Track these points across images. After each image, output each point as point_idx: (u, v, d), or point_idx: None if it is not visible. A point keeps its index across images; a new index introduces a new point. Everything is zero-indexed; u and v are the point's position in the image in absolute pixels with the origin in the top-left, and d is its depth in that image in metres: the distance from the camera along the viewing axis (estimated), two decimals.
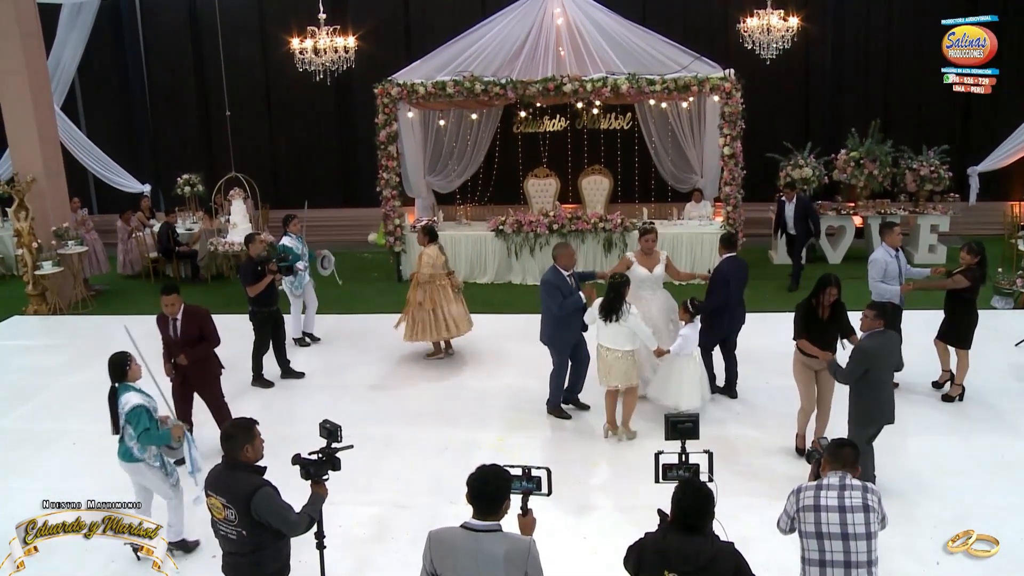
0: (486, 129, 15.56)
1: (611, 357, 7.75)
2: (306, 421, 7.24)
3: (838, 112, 16.51)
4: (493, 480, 3.88)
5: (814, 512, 4.40)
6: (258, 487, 4.43)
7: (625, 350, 7.73)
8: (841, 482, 4.43)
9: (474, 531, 3.83)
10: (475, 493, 3.86)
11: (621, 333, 7.65)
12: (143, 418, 5.94)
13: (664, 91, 13.11)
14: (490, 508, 3.85)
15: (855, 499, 4.38)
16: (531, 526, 4.15)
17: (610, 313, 7.58)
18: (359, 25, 15.46)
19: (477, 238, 13.95)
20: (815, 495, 4.42)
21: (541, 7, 14.02)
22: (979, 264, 8.49)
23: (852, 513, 4.35)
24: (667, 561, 3.70)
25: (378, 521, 6.74)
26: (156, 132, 18.33)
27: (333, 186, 17.82)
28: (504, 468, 3.99)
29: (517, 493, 4.09)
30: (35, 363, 10.74)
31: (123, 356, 6.16)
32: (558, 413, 8.53)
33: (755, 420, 8.25)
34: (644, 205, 15.11)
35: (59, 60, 16.49)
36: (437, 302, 9.89)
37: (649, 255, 8.71)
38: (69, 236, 13.15)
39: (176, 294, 7.58)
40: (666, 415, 4.97)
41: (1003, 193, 16.19)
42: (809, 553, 4.44)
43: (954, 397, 8.65)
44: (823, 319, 7.10)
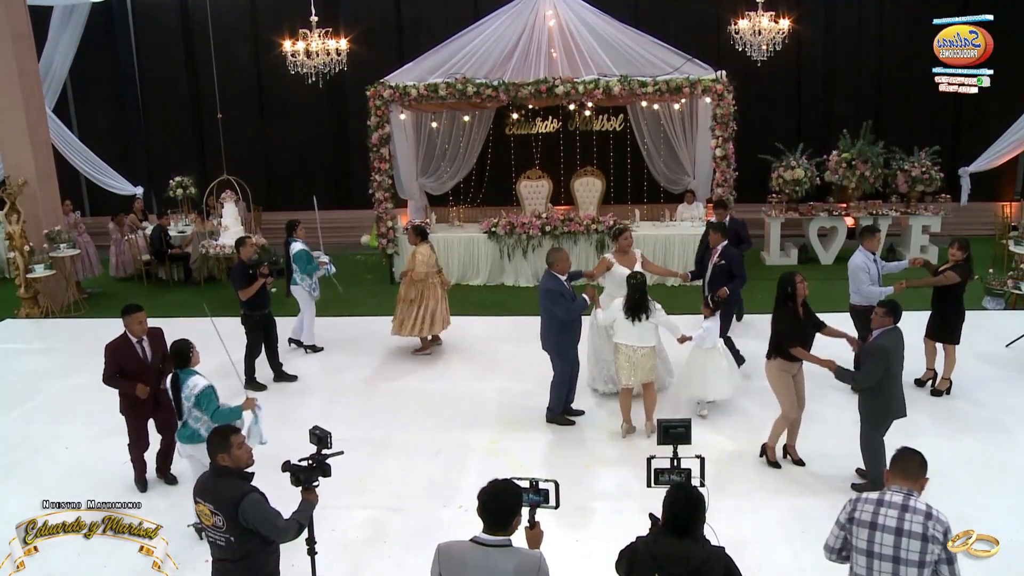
0: (478, 131, 15.57)
1: (637, 355, 7.89)
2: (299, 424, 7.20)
3: (830, 113, 16.57)
4: (504, 495, 3.86)
5: (868, 529, 4.15)
6: (245, 493, 4.44)
7: (651, 346, 7.93)
8: (904, 501, 4.14)
9: (484, 546, 3.81)
10: (486, 508, 3.84)
11: (648, 330, 7.84)
12: (213, 398, 6.26)
13: (656, 93, 13.15)
14: (501, 523, 3.82)
15: (915, 525, 4.08)
16: (538, 539, 4.13)
17: (638, 312, 7.74)
18: (351, 27, 15.47)
19: (470, 240, 13.96)
20: (874, 511, 4.17)
21: (533, 9, 14.03)
22: (967, 260, 8.60)
23: (908, 538, 4.08)
24: (658, 565, 3.72)
25: (372, 524, 6.74)
26: (148, 134, 18.29)
27: (326, 188, 17.76)
28: (514, 482, 3.97)
29: (524, 506, 4.05)
30: (28, 366, 10.71)
31: (185, 343, 6.44)
32: (560, 421, 8.40)
33: (749, 422, 8.26)
34: (636, 206, 15.16)
35: (51, 62, 16.44)
36: (426, 299, 10.16)
37: (626, 254, 8.80)
38: (61, 239, 13.11)
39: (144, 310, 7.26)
40: (658, 420, 4.99)
41: (994, 194, 16.27)
42: (857, 568, 4.24)
43: (942, 391, 8.77)
44: (801, 320, 7.11)
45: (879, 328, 6.66)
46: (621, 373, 8.03)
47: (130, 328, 7.15)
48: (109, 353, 7.17)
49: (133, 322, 7.13)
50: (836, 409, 8.26)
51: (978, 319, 10.91)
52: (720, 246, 9.10)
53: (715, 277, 9.03)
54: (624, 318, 7.80)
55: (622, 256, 8.77)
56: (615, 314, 7.90)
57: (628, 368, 7.95)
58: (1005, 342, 10.02)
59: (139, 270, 14.77)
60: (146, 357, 7.21)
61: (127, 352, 7.16)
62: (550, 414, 8.44)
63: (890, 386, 6.63)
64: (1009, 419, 8.24)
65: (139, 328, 7.15)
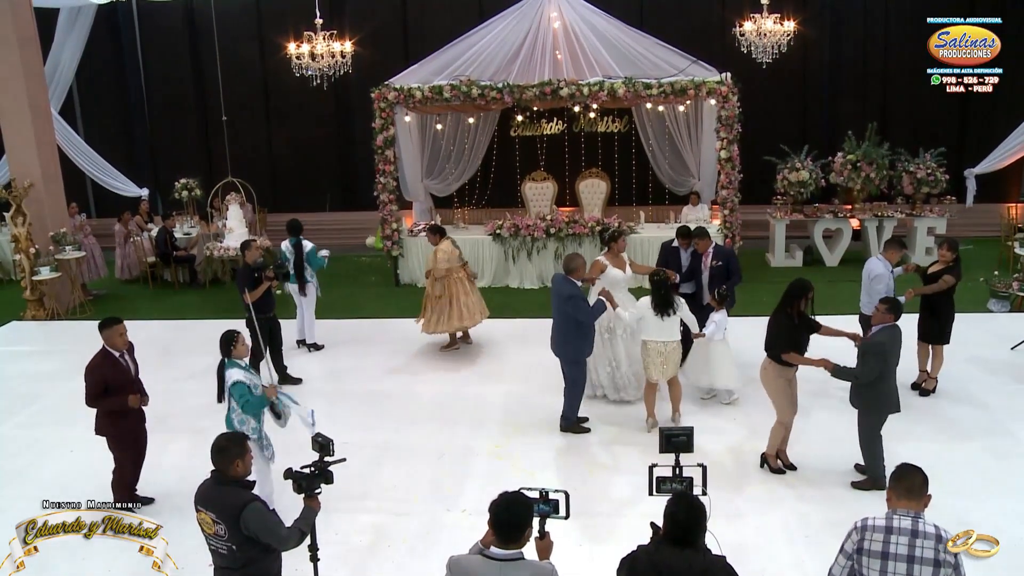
0: (483, 133, 15.59)
1: (668, 349, 8.06)
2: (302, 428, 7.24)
3: (835, 115, 16.56)
4: (516, 507, 3.83)
5: (881, 560, 4.07)
6: (248, 502, 4.43)
7: (677, 340, 8.12)
8: (913, 527, 4.07)
9: (496, 560, 3.78)
10: (497, 521, 3.80)
11: (674, 324, 8.03)
12: (244, 391, 6.43)
13: (661, 95, 13.15)
14: (513, 536, 3.80)
15: (926, 551, 4.03)
16: (549, 549, 4.11)
17: (667, 307, 7.94)
18: (356, 30, 15.51)
19: (474, 242, 13.95)
20: (884, 539, 4.08)
21: (538, 11, 14.04)
22: (956, 260, 8.62)
23: (921, 565, 4.02)
24: (659, 574, 3.71)
25: (374, 529, 6.73)
26: (154, 136, 18.35)
27: (331, 190, 17.84)
28: (525, 494, 3.95)
29: (535, 516, 4.02)
30: (33, 369, 10.73)
31: (230, 335, 6.65)
32: (576, 429, 8.28)
33: (751, 426, 8.25)
34: (641, 208, 15.16)
35: (57, 65, 16.52)
36: (454, 294, 10.33)
37: (618, 257, 8.80)
38: (67, 241, 13.17)
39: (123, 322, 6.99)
40: (660, 428, 4.98)
41: (999, 195, 16.24)
42: None
43: (930, 391, 8.79)
44: (796, 325, 7.10)
45: (879, 324, 6.72)
46: (652, 370, 8.12)
47: (111, 342, 6.84)
48: (90, 373, 6.83)
49: (114, 335, 6.83)
50: (833, 412, 8.22)
51: (983, 321, 10.91)
52: (711, 248, 9.12)
53: (713, 278, 9.05)
54: (653, 315, 7.96)
55: (615, 258, 8.77)
56: (643, 311, 8.05)
57: (660, 363, 8.09)
58: (1010, 345, 9.98)
59: (144, 272, 14.81)
60: (130, 368, 6.96)
61: (111, 367, 6.83)
62: (565, 422, 8.30)
63: (885, 381, 6.73)
64: (1013, 422, 8.20)
65: (120, 341, 6.85)
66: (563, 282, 8.00)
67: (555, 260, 13.50)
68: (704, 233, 9.22)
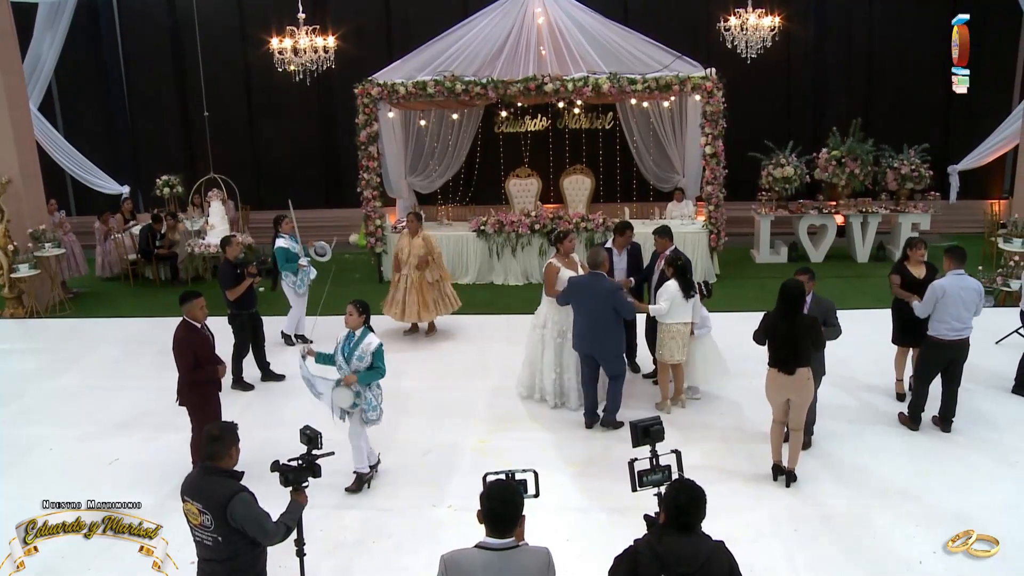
0: (467, 129, 15.53)
1: (687, 329, 8.35)
2: (286, 425, 7.16)
3: (820, 111, 16.58)
4: (508, 496, 3.80)
5: None
6: (235, 492, 4.36)
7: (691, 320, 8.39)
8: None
9: (495, 551, 3.74)
10: (491, 512, 3.77)
11: (692, 306, 8.29)
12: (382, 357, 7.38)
13: (645, 90, 13.12)
14: (508, 525, 3.77)
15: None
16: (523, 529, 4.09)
17: (691, 289, 8.24)
18: (340, 25, 15.39)
19: (459, 238, 13.90)
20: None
21: (522, 7, 13.99)
22: None
23: None
24: (664, 565, 3.64)
25: (361, 524, 6.68)
26: (135, 133, 18.13)
27: (315, 187, 17.70)
28: (512, 482, 3.95)
29: None
30: (12, 367, 10.59)
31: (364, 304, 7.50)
32: (614, 424, 8.14)
33: (740, 419, 8.25)
34: (626, 204, 15.15)
35: (36, 60, 16.28)
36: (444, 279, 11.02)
37: (567, 257, 8.68)
38: (46, 238, 12.99)
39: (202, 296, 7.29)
40: (631, 422, 4.90)
41: (983, 191, 16.32)
42: None
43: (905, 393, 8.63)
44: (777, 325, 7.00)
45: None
46: (675, 352, 8.32)
47: (192, 314, 7.08)
48: (181, 346, 7.00)
49: (195, 307, 7.07)
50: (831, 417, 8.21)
51: None
52: (668, 250, 8.76)
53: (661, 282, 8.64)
54: (682, 298, 8.16)
55: (564, 259, 8.62)
56: (672, 296, 8.16)
57: (681, 344, 8.31)
58: (995, 339, 10.03)
59: (125, 270, 14.66)
60: (212, 339, 7.24)
61: (197, 338, 7.06)
62: (608, 416, 8.18)
63: None
64: (1002, 417, 8.22)
65: (201, 313, 7.12)
66: (600, 279, 7.94)
67: (539, 256, 13.46)
68: (666, 232, 8.91)
